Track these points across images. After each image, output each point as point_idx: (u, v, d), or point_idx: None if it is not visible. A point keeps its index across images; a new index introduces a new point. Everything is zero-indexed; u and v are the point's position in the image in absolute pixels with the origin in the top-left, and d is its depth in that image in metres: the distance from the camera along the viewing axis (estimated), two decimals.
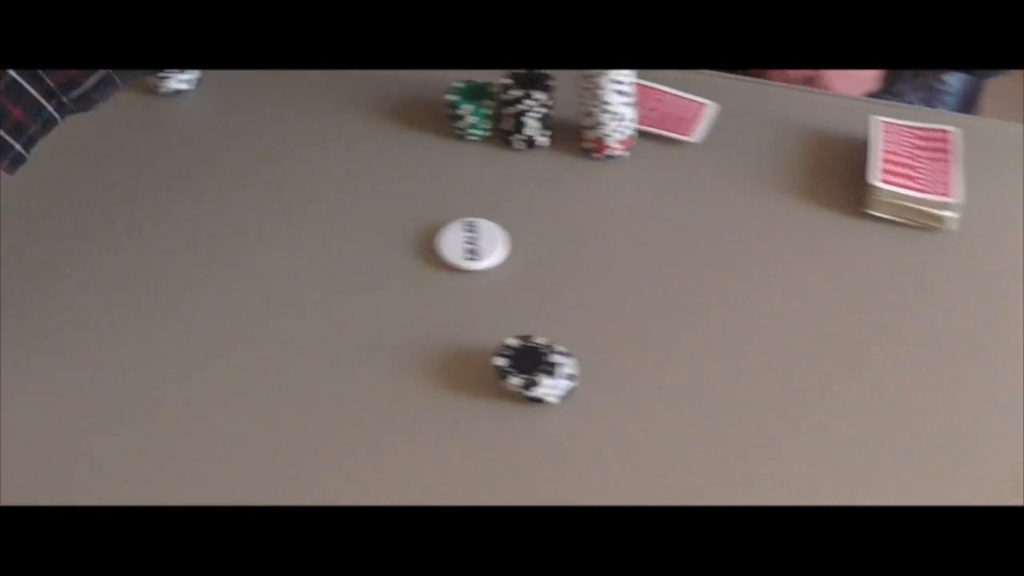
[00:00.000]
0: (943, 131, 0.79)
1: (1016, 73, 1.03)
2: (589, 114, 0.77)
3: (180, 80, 0.86)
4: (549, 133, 0.80)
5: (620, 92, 0.75)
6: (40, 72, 0.63)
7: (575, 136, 0.80)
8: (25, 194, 0.78)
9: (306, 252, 0.73)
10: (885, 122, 0.79)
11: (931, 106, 1.16)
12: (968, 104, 1.18)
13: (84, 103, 0.66)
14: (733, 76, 0.87)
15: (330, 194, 0.77)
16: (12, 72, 0.62)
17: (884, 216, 0.74)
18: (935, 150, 0.77)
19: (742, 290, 0.70)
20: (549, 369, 0.61)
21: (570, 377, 0.62)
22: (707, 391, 0.63)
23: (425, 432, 0.61)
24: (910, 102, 1.04)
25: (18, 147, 0.64)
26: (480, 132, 0.80)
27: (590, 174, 0.78)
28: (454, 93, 0.80)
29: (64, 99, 0.64)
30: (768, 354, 0.65)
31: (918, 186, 0.74)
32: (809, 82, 0.97)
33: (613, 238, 0.74)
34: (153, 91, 0.87)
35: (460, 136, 0.81)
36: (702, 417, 0.62)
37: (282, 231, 0.74)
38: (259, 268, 0.72)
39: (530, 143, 0.80)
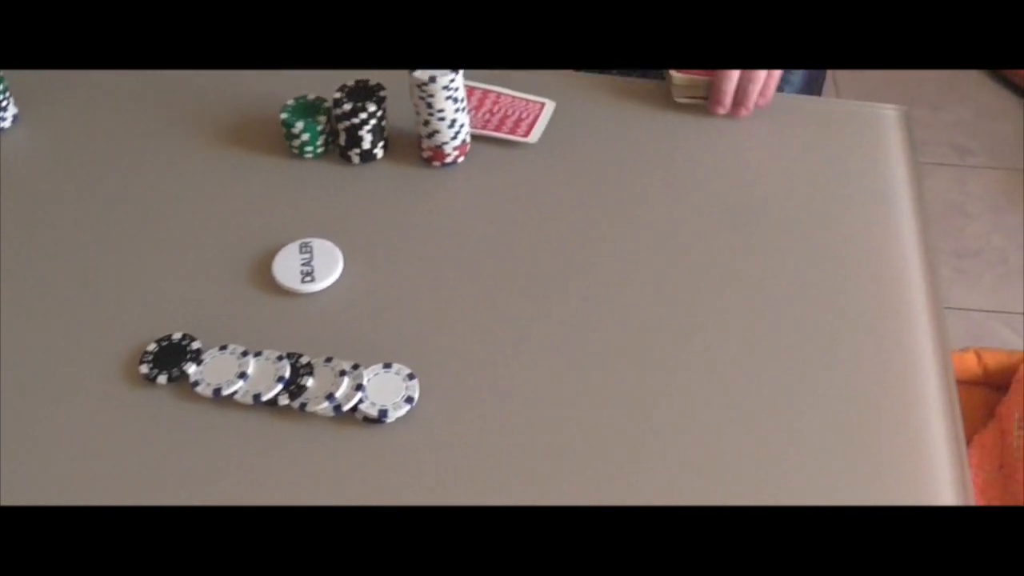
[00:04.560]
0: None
1: None
2: (425, 123, 0.76)
3: None
4: (385, 144, 0.79)
5: (453, 99, 0.75)
6: None
7: (414, 145, 0.79)
8: None
9: (141, 279, 0.70)
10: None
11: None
12: (811, 82, 1.21)
13: None
14: (567, 72, 0.87)
15: (164, 221, 0.75)
16: None
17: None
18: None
19: (579, 289, 0.70)
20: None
21: (408, 400, 0.61)
22: (548, 395, 0.63)
23: (264, 454, 0.59)
24: None
25: None
26: (315, 149, 0.79)
27: (429, 183, 0.77)
28: (286, 111, 0.78)
29: None
30: (609, 355, 0.66)
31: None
32: None
33: (451, 248, 0.73)
34: None
35: (297, 154, 0.79)
36: (545, 422, 0.61)
37: (115, 260, 0.72)
38: (90, 299, 0.69)
39: (367, 156, 0.78)
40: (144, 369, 0.64)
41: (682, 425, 0.61)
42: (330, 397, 0.61)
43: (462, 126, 0.76)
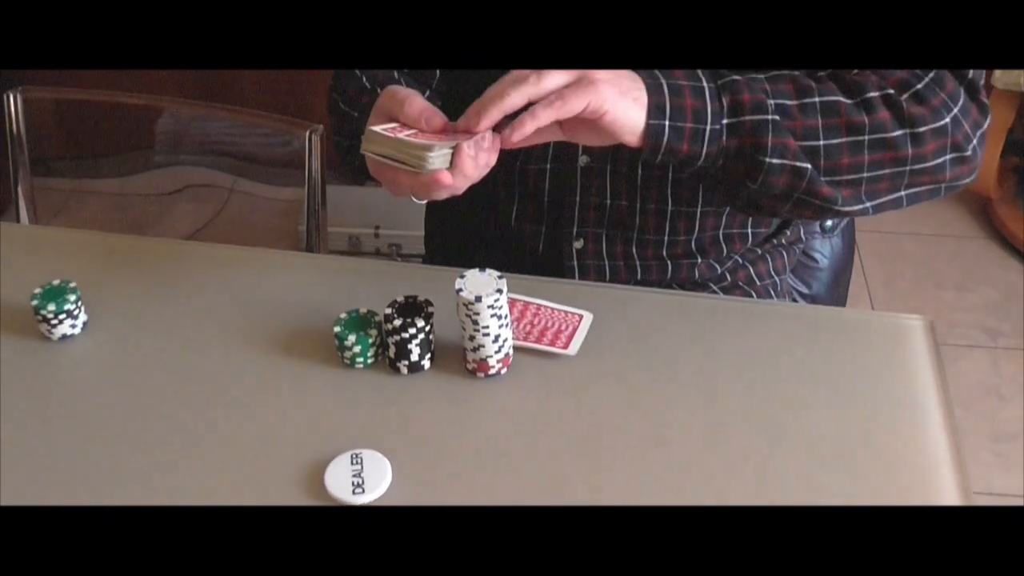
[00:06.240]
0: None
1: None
2: (471, 338, 0.81)
3: (69, 326, 0.88)
4: (432, 356, 0.83)
5: (497, 316, 0.79)
6: None
7: (459, 357, 0.83)
8: None
9: (193, 489, 0.74)
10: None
11: (805, 282, 1.23)
12: (838, 277, 1.26)
13: None
14: (605, 285, 0.92)
15: (218, 430, 0.78)
16: None
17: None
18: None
19: (619, 498, 0.72)
20: None
21: None
22: None
23: None
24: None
25: None
26: (366, 360, 0.83)
27: (474, 394, 0.81)
28: (339, 324, 0.83)
29: None
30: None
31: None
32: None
33: (495, 458, 0.76)
34: (47, 338, 0.88)
35: (348, 365, 0.83)
36: None
37: (169, 467, 0.75)
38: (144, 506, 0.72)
39: (414, 368, 0.82)
40: None
41: None
42: None
43: (505, 341, 0.81)
